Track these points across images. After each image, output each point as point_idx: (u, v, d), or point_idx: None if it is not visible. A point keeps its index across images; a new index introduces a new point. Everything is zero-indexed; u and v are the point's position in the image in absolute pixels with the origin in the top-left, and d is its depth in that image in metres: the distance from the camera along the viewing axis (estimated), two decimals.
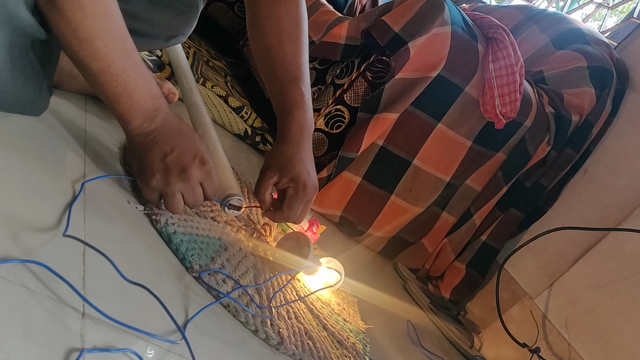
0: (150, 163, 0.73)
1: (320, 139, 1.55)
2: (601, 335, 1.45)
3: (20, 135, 0.70)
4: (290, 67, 0.95)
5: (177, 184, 0.73)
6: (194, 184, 0.74)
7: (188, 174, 0.73)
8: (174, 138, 0.74)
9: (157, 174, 0.73)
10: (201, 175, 0.75)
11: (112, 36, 0.69)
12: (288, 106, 0.93)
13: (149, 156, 0.73)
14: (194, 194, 0.75)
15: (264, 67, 0.99)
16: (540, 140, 1.63)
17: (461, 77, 1.48)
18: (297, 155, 0.91)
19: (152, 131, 0.74)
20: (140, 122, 0.73)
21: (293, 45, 0.96)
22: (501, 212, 1.70)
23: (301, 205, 0.90)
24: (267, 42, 0.97)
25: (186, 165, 0.73)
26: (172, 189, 0.73)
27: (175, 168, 0.73)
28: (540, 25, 2.05)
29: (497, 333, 1.61)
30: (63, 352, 0.47)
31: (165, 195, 0.74)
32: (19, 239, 0.54)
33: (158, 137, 0.73)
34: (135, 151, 0.75)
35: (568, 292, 1.56)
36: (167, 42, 0.99)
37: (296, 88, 0.94)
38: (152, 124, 0.74)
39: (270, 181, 0.90)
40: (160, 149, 0.73)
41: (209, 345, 0.64)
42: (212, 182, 0.77)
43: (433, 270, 1.76)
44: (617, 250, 1.50)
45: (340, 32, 1.59)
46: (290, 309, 0.86)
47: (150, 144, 0.73)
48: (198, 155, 0.75)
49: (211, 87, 1.45)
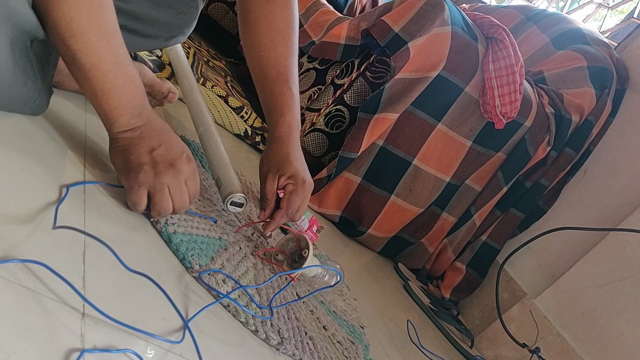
0: (137, 157, 0.71)
1: (320, 139, 1.55)
2: (601, 335, 1.45)
3: (20, 135, 0.70)
4: (281, 67, 0.96)
5: (166, 177, 0.71)
6: (181, 180, 0.73)
7: (177, 168, 0.72)
8: (160, 134, 0.73)
9: (145, 167, 0.70)
10: (188, 172, 0.74)
11: (104, 30, 0.68)
12: (280, 107, 0.95)
13: (136, 150, 0.71)
14: (181, 191, 0.73)
15: (254, 65, 0.99)
16: (540, 140, 1.63)
17: (461, 77, 1.48)
18: (292, 154, 0.93)
19: (138, 127, 0.72)
20: (128, 118, 0.71)
21: (285, 45, 0.97)
22: (501, 212, 1.70)
23: (300, 200, 0.92)
24: (260, 41, 0.97)
25: (175, 160, 0.72)
26: (161, 182, 0.71)
27: (163, 162, 0.71)
28: (540, 26, 2.05)
29: (497, 333, 1.61)
30: (63, 352, 0.46)
31: (153, 191, 0.71)
32: (18, 238, 0.54)
33: (145, 132, 0.72)
34: (120, 148, 0.73)
35: (568, 292, 1.56)
36: (167, 41, 0.99)
37: (287, 89, 0.96)
38: (139, 120, 0.72)
39: (275, 181, 0.91)
40: (148, 143, 0.72)
41: (209, 345, 0.64)
42: (195, 182, 0.76)
43: (433, 270, 1.76)
44: (617, 250, 1.50)
45: (340, 32, 1.59)
46: (290, 309, 0.86)
47: (137, 139, 0.72)
48: (185, 152, 0.74)
49: (211, 87, 1.45)
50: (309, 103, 1.60)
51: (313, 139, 1.55)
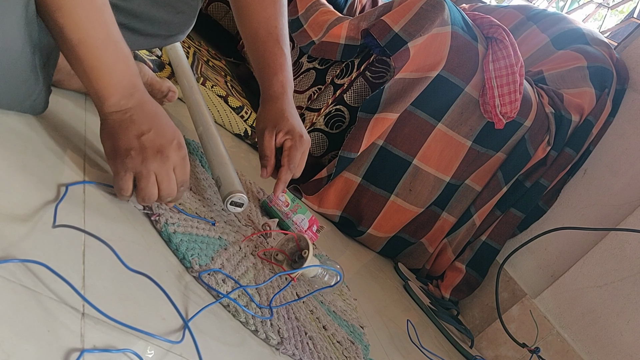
0: (125, 141, 0.69)
1: (320, 139, 1.55)
2: (601, 335, 1.45)
3: (20, 134, 0.70)
4: (272, 28, 0.98)
5: (153, 164, 0.69)
6: (169, 167, 0.71)
7: (165, 155, 0.70)
8: (151, 118, 0.71)
9: (132, 152, 0.68)
10: (177, 159, 0.72)
11: (92, 5, 0.66)
12: (272, 67, 0.96)
13: (124, 134, 0.69)
14: (168, 178, 0.71)
15: (245, 28, 1.01)
16: (540, 140, 1.63)
17: (461, 77, 1.48)
18: (288, 111, 0.95)
19: (129, 109, 0.70)
20: (118, 98, 0.69)
21: (274, 6, 0.99)
22: (501, 212, 1.70)
23: (299, 155, 0.93)
24: (249, 3, 0.99)
25: (163, 146, 0.70)
26: (147, 168, 0.69)
27: (151, 147, 0.69)
28: (540, 25, 2.05)
29: (497, 333, 1.61)
30: (63, 352, 0.46)
31: (139, 176, 0.69)
32: (18, 237, 0.54)
33: (135, 115, 0.70)
34: (109, 130, 0.70)
35: (568, 292, 1.56)
36: (166, 40, 0.99)
37: (279, 50, 0.97)
38: (130, 102, 0.70)
39: (272, 137, 0.92)
40: (137, 127, 0.69)
41: (209, 345, 0.64)
42: (184, 170, 0.73)
43: (433, 270, 1.76)
44: (617, 250, 1.50)
45: (340, 32, 1.59)
46: (290, 308, 0.86)
47: (127, 122, 0.69)
48: (175, 139, 0.72)
49: (211, 86, 1.45)
50: (308, 103, 1.60)
51: (313, 139, 1.55)
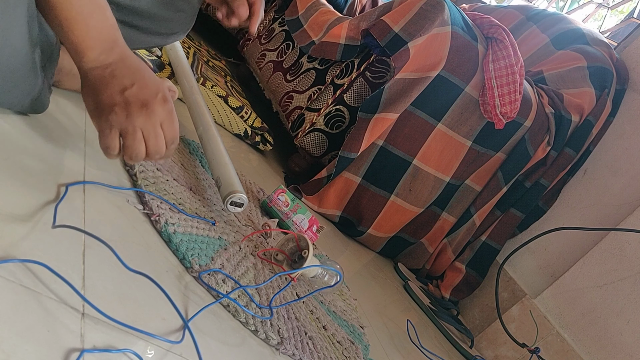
0: (108, 97, 0.66)
1: (320, 139, 1.55)
2: (601, 335, 1.45)
3: (20, 134, 0.70)
4: None
5: (139, 119, 0.66)
6: (155, 122, 0.67)
7: (150, 109, 0.67)
8: (133, 72, 0.68)
9: (116, 107, 0.65)
10: (163, 113, 0.68)
11: None
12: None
13: (107, 90, 0.66)
14: (155, 134, 0.68)
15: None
16: (540, 140, 1.63)
17: (461, 77, 1.48)
18: None
19: (109, 64, 0.67)
20: (98, 53, 0.67)
21: None
22: (501, 212, 1.70)
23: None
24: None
25: (148, 100, 0.67)
26: (132, 124, 0.66)
27: (135, 102, 0.66)
28: (540, 25, 2.05)
29: (497, 333, 1.61)
30: (63, 352, 0.46)
31: (125, 133, 0.66)
32: (18, 237, 0.54)
33: (117, 70, 0.67)
34: (91, 87, 0.67)
35: (568, 292, 1.56)
36: (166, 39, 0.99)
37: None
38: (110, 57, 0.67)
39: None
40: (120, 82, 0.66)
41: (209, 345, 0.64)
42: (172, 125, 0.70)
43: (433, 270, 1.76)
44: (617, 250, 1.50)
45: (340, 32, 1.59)
46: (290, 309, 0.86)
47: (108, 77, 0.67)
48: (160, 92, 0.69)
49: (211, 87, 1.45)
50: (308, 103, 1.60)
51: (313, 139, 1.55)
